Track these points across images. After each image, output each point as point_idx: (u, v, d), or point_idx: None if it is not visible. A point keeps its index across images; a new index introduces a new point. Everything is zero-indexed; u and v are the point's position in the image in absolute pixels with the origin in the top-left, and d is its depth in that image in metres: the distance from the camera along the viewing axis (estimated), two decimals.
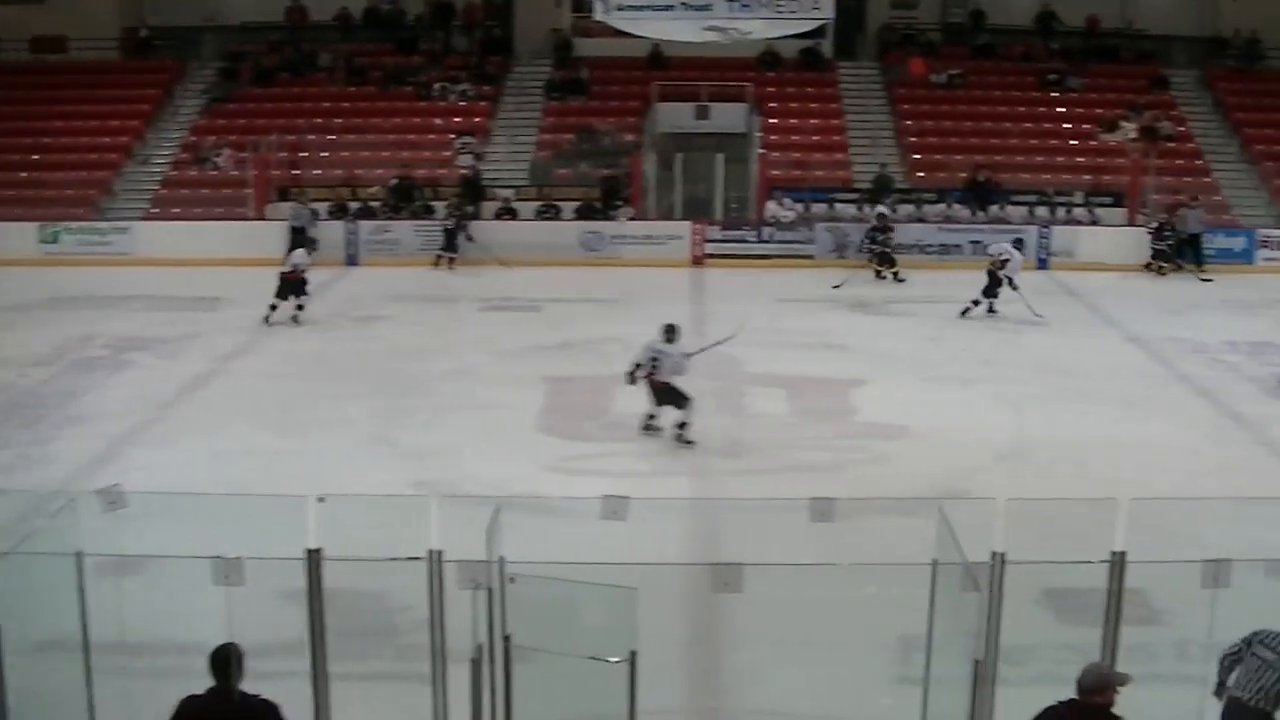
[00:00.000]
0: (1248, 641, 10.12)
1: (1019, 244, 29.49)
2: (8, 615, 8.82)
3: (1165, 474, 18.08)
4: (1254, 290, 32.24)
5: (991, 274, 28.35)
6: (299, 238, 33.11)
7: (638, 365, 19.11)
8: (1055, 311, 28.71)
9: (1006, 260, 28.32)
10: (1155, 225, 34.12)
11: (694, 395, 19.20)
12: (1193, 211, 34.68)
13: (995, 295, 28.21)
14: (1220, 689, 10.23)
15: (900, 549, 10.49)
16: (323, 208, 34.93)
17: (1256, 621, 12.23)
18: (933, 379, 23.21)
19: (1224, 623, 9.92)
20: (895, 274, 31.87)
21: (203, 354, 24.58)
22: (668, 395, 19.09)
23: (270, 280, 27.00)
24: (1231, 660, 10.19)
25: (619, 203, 35.42)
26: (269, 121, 38.34)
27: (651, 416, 19.39)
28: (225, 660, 8.46)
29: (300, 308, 26.99)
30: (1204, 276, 32.80)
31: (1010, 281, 28.11)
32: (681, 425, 19.12)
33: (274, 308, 26.80)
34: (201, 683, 8.47)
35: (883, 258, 32.09)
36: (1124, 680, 8.37)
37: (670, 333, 19.25)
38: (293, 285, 26.95)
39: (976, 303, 28.30)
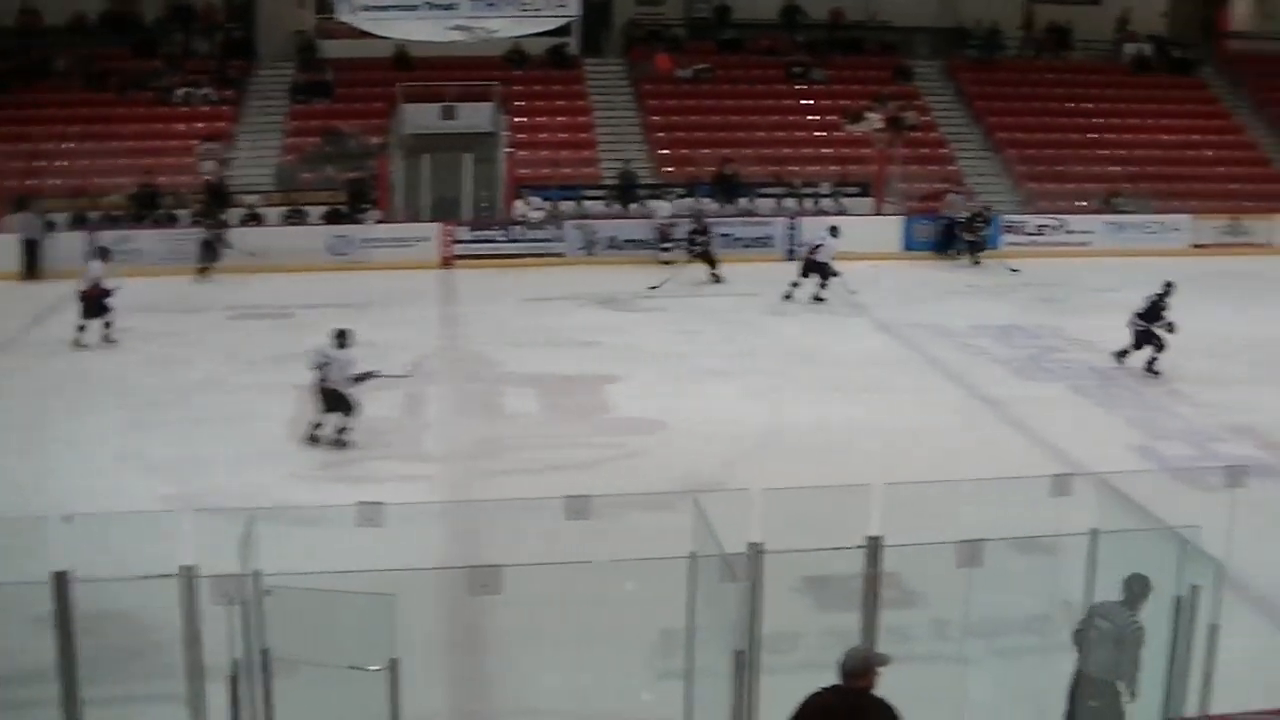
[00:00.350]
0: (1089, 615, 10.37)
1: (834, 231, 29.85)
2: None
3: (917, 457, 18.44)
4: (999, 275, 33.03)
5: (809, 260, 28.76)
6: (33, 250, 32.36)
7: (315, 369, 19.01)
8: (806, 302, 29.10)
9: (819, 245, 28.79)
10: (966, 216, 34.77)
11: (360, 404, 19.11)
12: (958, 198, 35.47)
13: (822, 281, 28.91)
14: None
15: (658, 543, 10.54)
16: (62, 218, 33.90)
17: (1010, 599, 12.57)
18: (686, 373, 23.41)
19: (979, 601, 10.13)
20: (715, 275, 31.79)
21: None
22: (334, 401, 18.98)
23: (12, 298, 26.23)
24: (1080, 635, 10.45)
25: (366, 206, 35.11)
26: (1, 130, 37.19)
27: (317, 425, 19.20)
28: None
29: (109, 325, 25.65)
30: (1012, 267, 33.43)
31: (827, 268, 28.52)
32: (342, 430, 18.98)
33: (81, 328, 25.42)
34: None
35: (704, 257, 32.05)
36: (884, 661, 8.49)
37: (341, 338, 19.14)
38: (94, 302, 25.49)
39: (795, 285, 29.02)
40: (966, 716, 10.40)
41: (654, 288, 30.44)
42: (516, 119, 38.51)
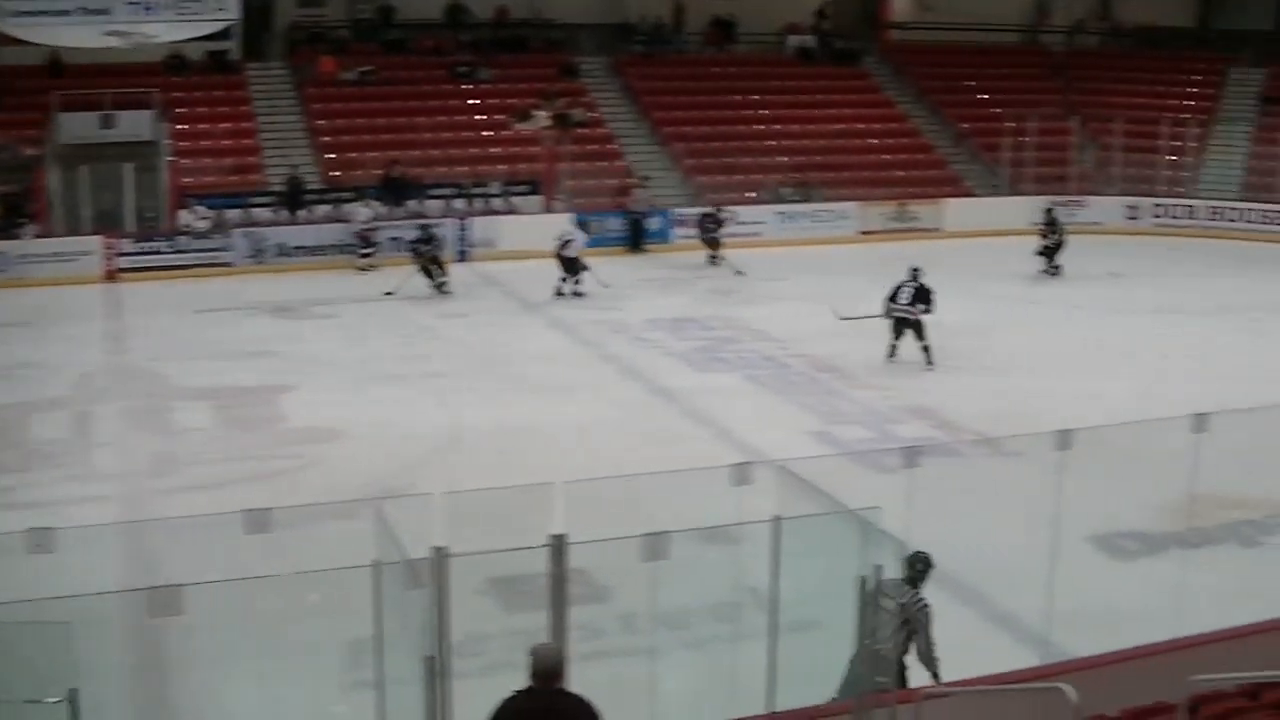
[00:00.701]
0: (874, 594, 10.47)
1: (583, 225, 30.01)
2: None
3: (598, 453, 18.58)
4: (672, 268, 33.40)
5: (561, 258, 28.72)
6: None
7: None
8: (480, 303, 29.11)
9: (570, 241, 28.81)
10: (701, 214, 35.01)
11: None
12: (643, 194, 35.82)
13: (577, 277, 29.09)
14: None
15: (342, 553, 10.39)
16: None
17: (700, 588, 12.70)
18: (363, 379, 23.19)
19: (667, 593, 10.18)
20: (441, 284, 31.37)
21: None
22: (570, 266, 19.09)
23: None
24: (865, 613, 10.60)
25: (22, 220, 33.93)
26: None
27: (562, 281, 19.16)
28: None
29: None
30: (738, 269, 33.30)
31: (576, 263, 28.78)
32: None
33: None
34: None
35: (432, 261, 31.50)
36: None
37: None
38: None
39: (564, 279, 29.09)
40: (659, 707, 10.45)
41: (389, 293, 29.99)
42: (178, 126, 37.62)
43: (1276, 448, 15.93)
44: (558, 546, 9.11)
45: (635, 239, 35.74)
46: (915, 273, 24.46)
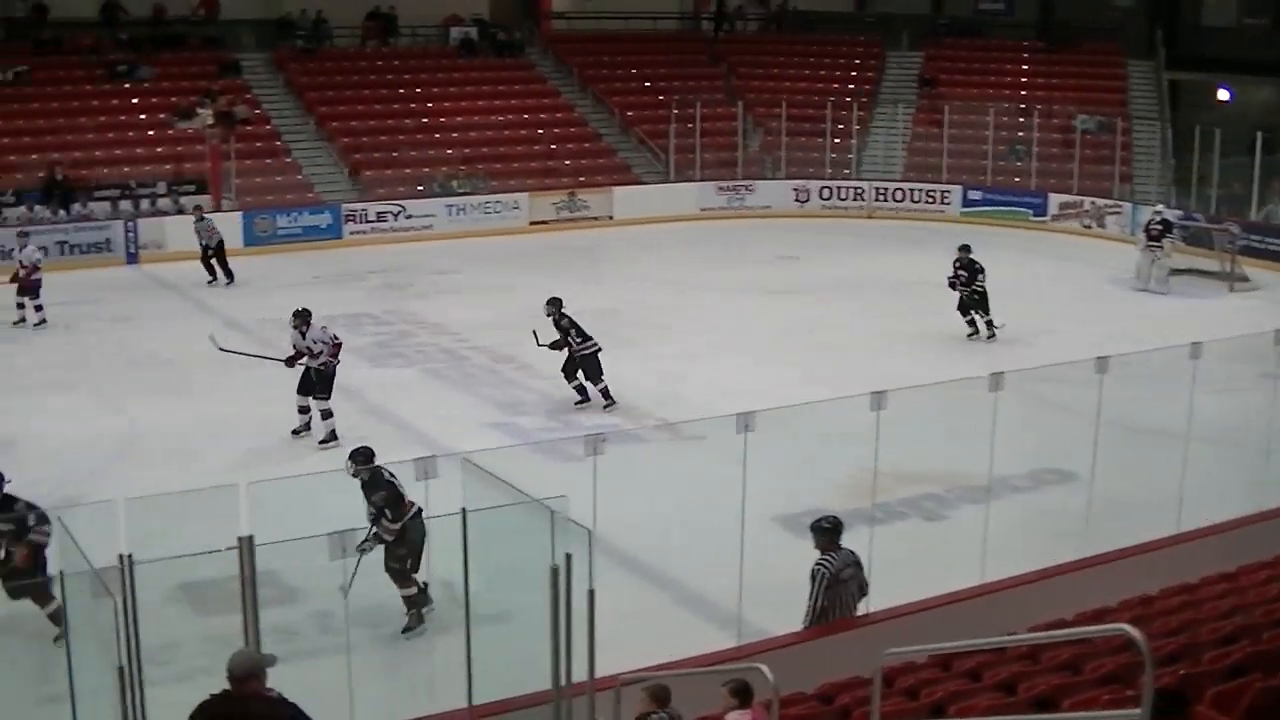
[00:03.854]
0: (844, 566, 11.95)
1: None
2: None
3: (276, 452, 18.51)
4: (343, 264, 33.22)
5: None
6: None
7: None
8: (149, 305, 28.58)
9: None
10: None
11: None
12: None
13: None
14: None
15: None
16: None
17: (391, 584, 12.79)
18: (26, 387, 22.60)
19: (358, 591, 10.22)
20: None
21: None
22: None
23: None
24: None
25: None
26: None
27: None
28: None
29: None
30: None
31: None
32: None
33: None
34: None
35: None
36: (270, 662, 8.43)
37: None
38: None
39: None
40: (360, 706, 10.47)
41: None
42: None
43: (950, 422, 16.58)
44: (246, 548, 9.07)
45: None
46: (964, 250, 25.15)
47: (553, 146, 41.40)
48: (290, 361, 19.62)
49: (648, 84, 44.88)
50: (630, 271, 32.03)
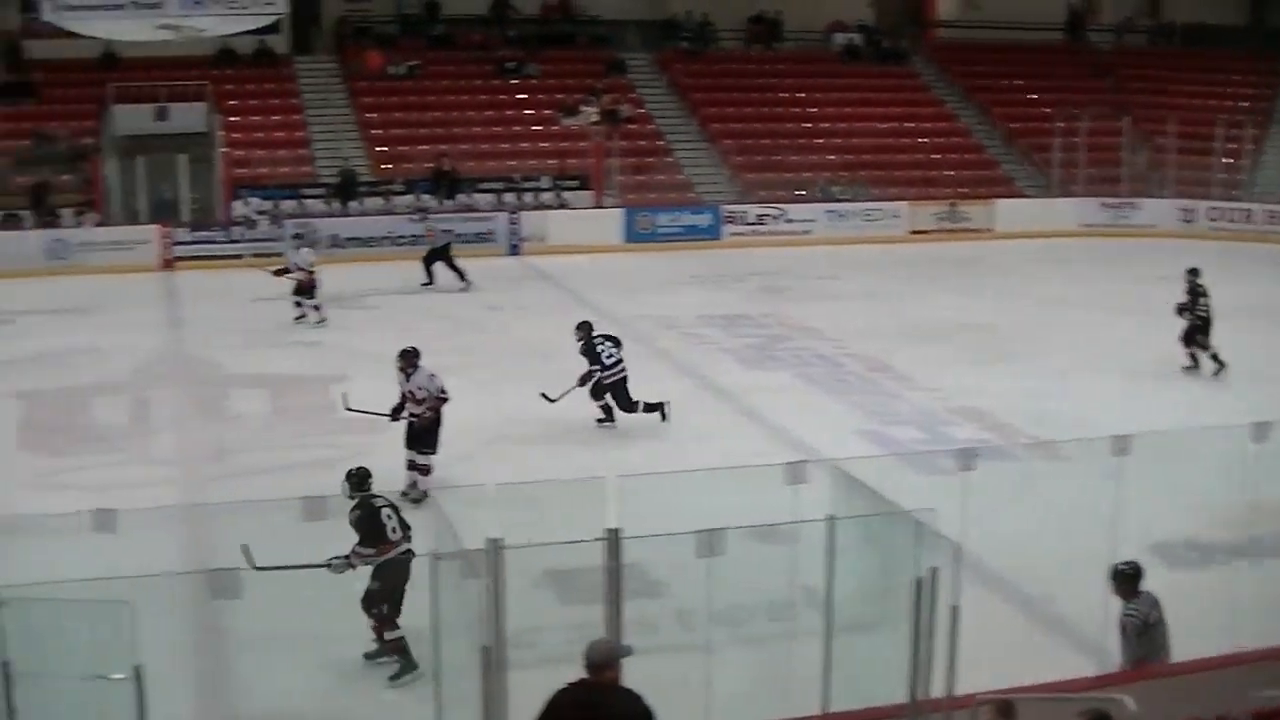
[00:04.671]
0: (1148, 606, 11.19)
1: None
2: None
3: (650, 448, 18.57)
4: (721, 264, 33.41)
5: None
6: None
7: None
8: (530, 296, 29.15)
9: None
10: None
11: None
12: None
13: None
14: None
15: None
16: None
17: (754, 585, 12.77)
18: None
19: (722, 589, 10.22)
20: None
21: None
22: None
23: None
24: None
25: (83, 209, 34.28)
26: None
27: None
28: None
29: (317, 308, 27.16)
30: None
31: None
32: None
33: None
34: None
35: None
36: (627, 652, 8.51)
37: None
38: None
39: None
40: (714, 704, 10.48)
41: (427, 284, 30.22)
42: (230, 119, 37.87)
43: None
44: (613, 540, 9.17)
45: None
46: (1192, 274, 24.01)
47: (934, 156, 41.05)
48: (395, 414, 17.91)
49: (1032, 95, 44.03)
50: (1008, 286, 31.52)
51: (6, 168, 35.91)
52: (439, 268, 30.83)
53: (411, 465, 17.36)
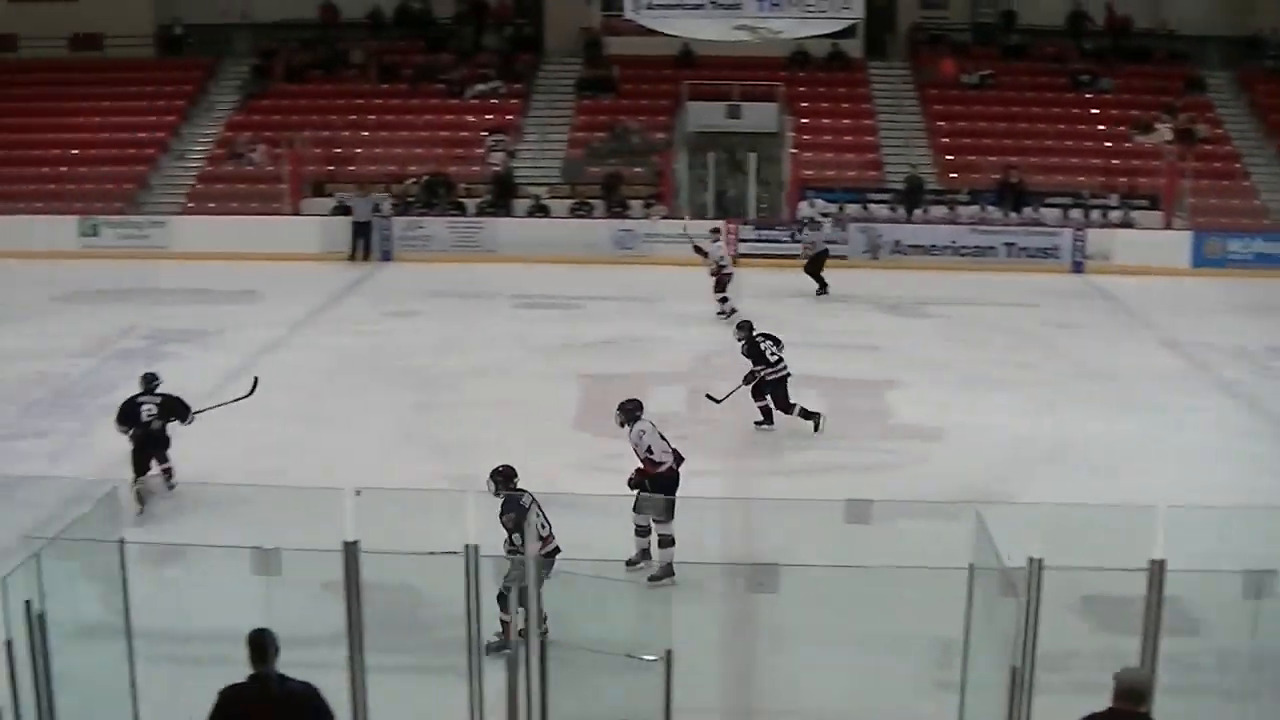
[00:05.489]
0: None
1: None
2: (52, 600, 8.81)
3: (1202, 481, 17.91)
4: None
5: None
6: (362, 231, 34.45)
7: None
8: (1091, 315, 28.60)
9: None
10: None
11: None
12: None
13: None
14: None
15: (936, 552, 10.44)
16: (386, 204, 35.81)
17: None
18: (967, 381, 23.03)
19: (1267, 634, 9.84)
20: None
21: (239, 347, 24.64)
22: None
23: (302, 274, 26.92)
24: None
25: (651, 201, 35.41)
26: (302, 118, 38.69)
27: None
28: (263, 643, 8.48)
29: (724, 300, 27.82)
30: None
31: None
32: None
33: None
34: (240, 671, 8.46)
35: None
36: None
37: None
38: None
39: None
40: None
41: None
42: (800, 120, 38.44)
43: None
44: (1156, 572, 8.91)
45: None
46: None
47: None
48: (639, 479, 14.93)
49: None
50: None
51: (582, 159, 37.37)
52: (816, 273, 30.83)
53: (641, 531, 14.44)
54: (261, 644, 8.46)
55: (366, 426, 19.58)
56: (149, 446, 16.71)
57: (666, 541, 13.90)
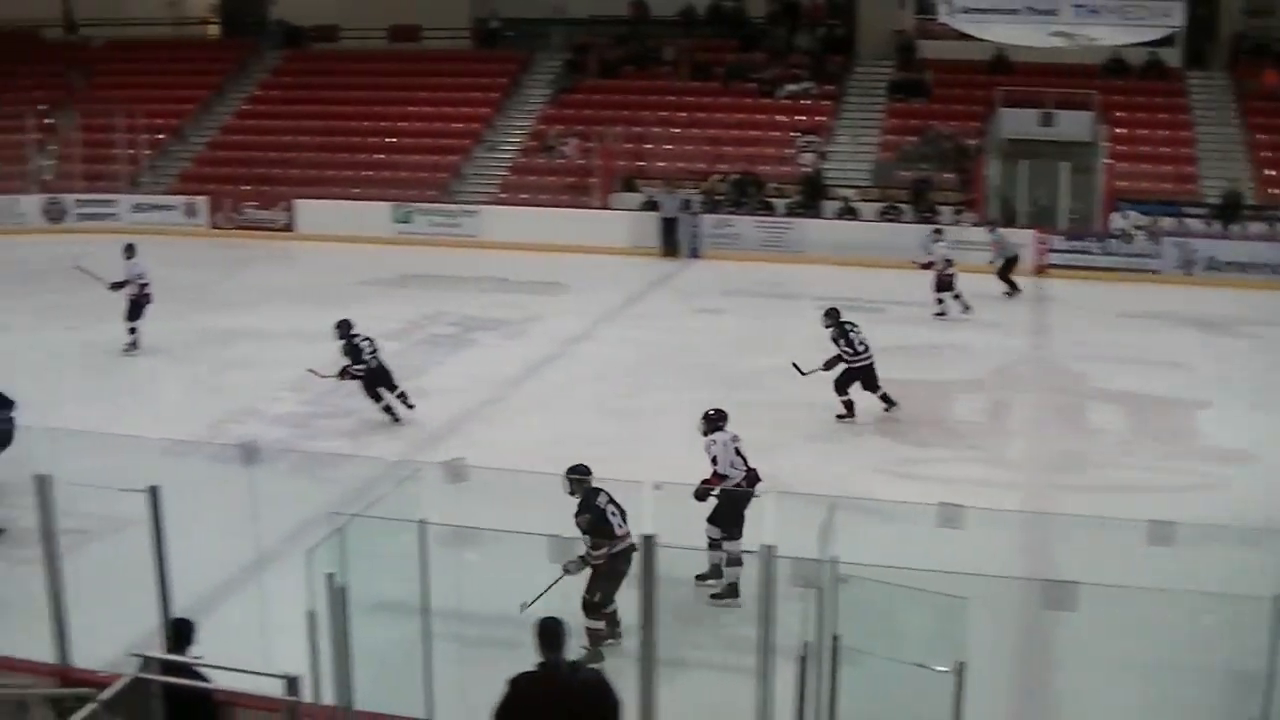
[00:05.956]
0: None
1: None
2: (354, 574, 9.03)
3: None
4: None
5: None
6: (670, 229, 34.91)
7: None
8: None
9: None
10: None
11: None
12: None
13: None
14: None
15: (1240, 580, 10.19)
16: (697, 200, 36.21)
17: None
18: (1278, 405, 22.39)
19: None
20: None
21: (545, 337, 25.08)
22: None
23: (608, 268, 27.22)
24: None
25: (939, 206, 35.18)
26: (613, 113, 39.19)
27: None
28: (555, 633, 8.61)
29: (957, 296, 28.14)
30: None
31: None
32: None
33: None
34: (532, 655, 8.61)
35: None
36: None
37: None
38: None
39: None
40: None
41: None
42: (1116, 130, 37.68)
43: None
44: None
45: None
46: None
47: None
48: (703, 494, 14.33)
49: None
50: None
51: (893, 162, 37.20)
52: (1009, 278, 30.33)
53: (713, 544, 13.95)
54: (553, 632, 8.61)
55: (666, 421, 19.66)
56: (379, 381, 19.81)
57: (734, 560, 13.55)
